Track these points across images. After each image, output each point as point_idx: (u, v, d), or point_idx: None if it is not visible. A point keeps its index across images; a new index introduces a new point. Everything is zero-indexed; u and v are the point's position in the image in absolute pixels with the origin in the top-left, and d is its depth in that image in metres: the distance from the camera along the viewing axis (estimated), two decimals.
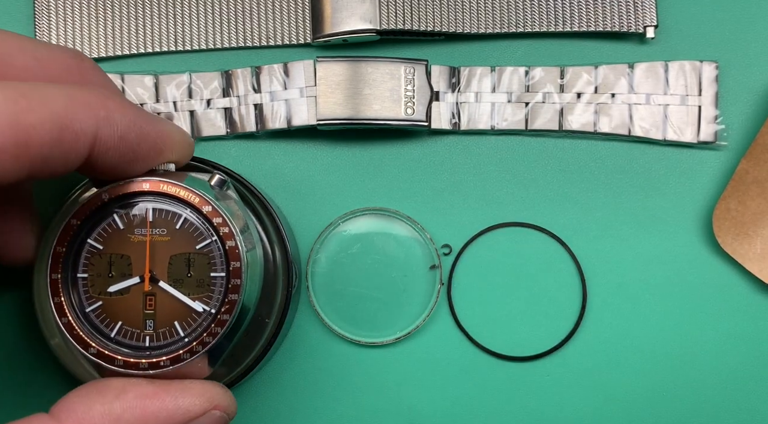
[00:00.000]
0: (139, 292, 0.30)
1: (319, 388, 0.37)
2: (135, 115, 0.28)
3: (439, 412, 0.37)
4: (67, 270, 0.30)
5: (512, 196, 0.38)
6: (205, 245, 0.30)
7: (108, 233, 0.30)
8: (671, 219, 0.38)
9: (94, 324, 0.30)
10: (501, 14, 0.38)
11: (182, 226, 0.30)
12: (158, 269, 0.30)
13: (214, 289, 0.30)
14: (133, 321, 0.30)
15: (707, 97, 0.38)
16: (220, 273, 0.30)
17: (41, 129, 0.25)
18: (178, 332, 0.30)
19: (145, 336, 0.30)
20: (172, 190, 0.30)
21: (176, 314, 0.30)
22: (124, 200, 0.30)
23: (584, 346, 0.37)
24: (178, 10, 0.38)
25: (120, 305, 0.30)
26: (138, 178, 0.30)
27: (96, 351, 0.29)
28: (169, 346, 0.30)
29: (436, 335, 0.37)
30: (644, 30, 0.38)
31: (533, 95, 0.38)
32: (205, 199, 0.30)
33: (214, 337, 0.30)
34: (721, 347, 0.37)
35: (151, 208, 0.30)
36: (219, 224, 0.30)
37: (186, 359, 0.29)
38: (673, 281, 0.38)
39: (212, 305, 0.30)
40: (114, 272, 0.30)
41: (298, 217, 0.38)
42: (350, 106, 0.37)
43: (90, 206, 0.30)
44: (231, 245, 0.30)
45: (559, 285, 0.38)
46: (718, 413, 0.37)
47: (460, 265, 0.38)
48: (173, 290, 0.30)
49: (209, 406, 0.29)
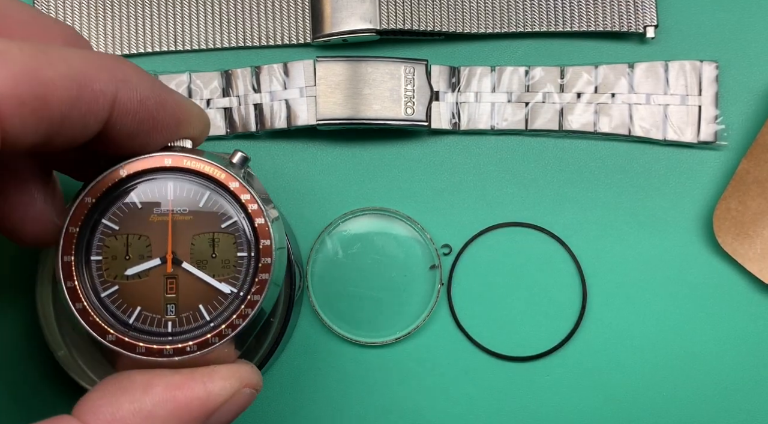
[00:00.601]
0: (159, 275, 0.28)
1: (319, 388, 0.37)
2: (153, 81, 0.27)
3: (439, 412, 0.37)
4: (81, 252, 0.28)
5: (512, 196, 0.38)
6: (230, 223, 0.29)
7: (124, 212, 0.28)
8: (671, 219, 0.38)
9: (111, 310, 0.28)
10: (501, 14, 0.38)
11: (206, 204, 0.29)
12: (180, 250, 0.28)
13: (241, 270, 0.28)
14: (153, 306, 0.28)
15: (707, 97, 0.38)
16: (248, 253, 0.28)
17: (60, 85, 0.24)
18: (204, 315, 0.28)
19: (167, 322, 0.28)
20: (197, 166, 0.28)
21: (200, 297, 0.28)
22: (142, 177, 0.28)
23: (584, 346, 0.37)
24: (178, 10, 0.38)
25: (138, 290, 0.28)
26: (158, 153, 0.28)
27: (115, 338, 0.27)
28: (194, 331, 0.28)
29: (436, 335, 0.37)
30: (644, 30, 0.38)
31: (533, 95, 0.38)
32: (232, 175, 0.28)
33: (244, 319, 0.28)
34: (721, 347, 0.37)
35: (172, 185, 0.28)
36: (247, 201, 0.28)
37: (215, 343, 0.28)
38: (673, 281, 0.38)
39: (239, 287, 0.28)
40: (131, 254, 0.28)
41: (298, 217, 0.38)
42: (350, 106, 0.37)
43: (106, 183, 0.28)
44: (260, 222, 0.28)
45: (559, 285, 0.38)
46: (718, 413, 0.37)
47: (460, 265, 0.38)
48: (198, 271, 0.28)
49: (240, 386, 0.27)
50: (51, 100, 0.23)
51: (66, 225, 0.28)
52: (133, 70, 0.26)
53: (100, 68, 0.25)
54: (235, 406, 0.27)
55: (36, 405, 0.37)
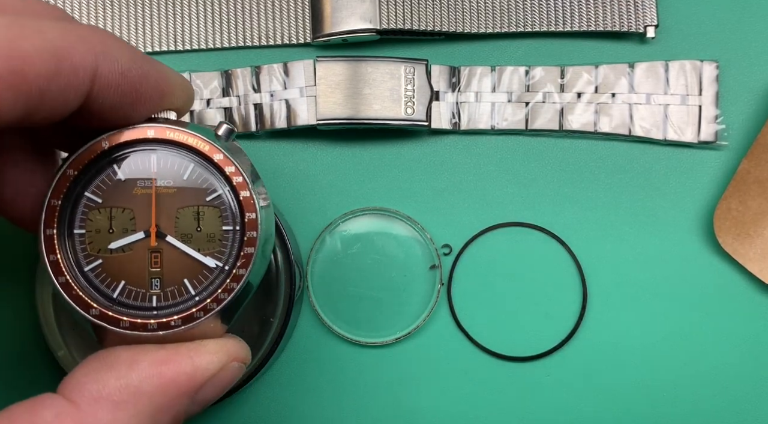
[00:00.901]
0: (144, 249, 0.28)
1: (319, 388, 0.37)
2: (134, 53, 0.26)
3: (439, 412, 0.37)
4: (63, 226, 0.27)
5: (512, 196, 0.38)
6: (215, 197, 0.28)
7: (108, 185, 0.28)
8: (671, 219, 0.38)
9: (94, 284, 0.28)
10: (501, 14, 0.38)
11: (190, 176, 0.28)
12: (164, 223, 0.28)
13: (227, 244, 0.28)
14: (138, 280, 0.28)
15: (707, 97, 0.38)
16: (234, 226, 0.28)
17: (37, 58, 0.23)
18: (189, 290, 0.28)
19: (152, 296, 0.28)
20: (180, 138, 0.28)
21: (185, 271, 0.28)
22: (125, 149, 0.28)
23: (584, 346, 0.37)
24: (178, 10, 0.38)
25: (122, 263, 0.28)
26: (140, 125, 0.27)
27: (98, 312, 0.27)
28: (179, 305, 0.28)
29: (436, 335, 0.37)
30: (644, 30, 0.38)
31: (533, 95, 0.38)
32: (216, 147, 0.28)
33: (229, 293, 0.27)
34: (721, 347, 0.37)
35: (156, 157, 0.28)
36: (231, 173, 0.28)
37: (200, 317, 0.27)
38: (673, 281, 0.38)
39: (224, 261, 0.28)
40: (115, 227, 0.28)
41: (298, 217, 0.38)
42: (350, 105, 0.37)
43: (88, 155, 0.27)
44: (245, 195, 0.28)
45: (559, 285, 0.38)
46: (718, 413, 0.37)
47: (460, 265, 0.38)
48: (183, 245, 0.28)
49: (227, 360, 0.27)
50: (28, 73, 0.23)
51: (48, 198, 0.27)
52: (113, 40, 0.25)
53: (78, 40, 0.24)
54: (223, 380, 0.27)
55: None
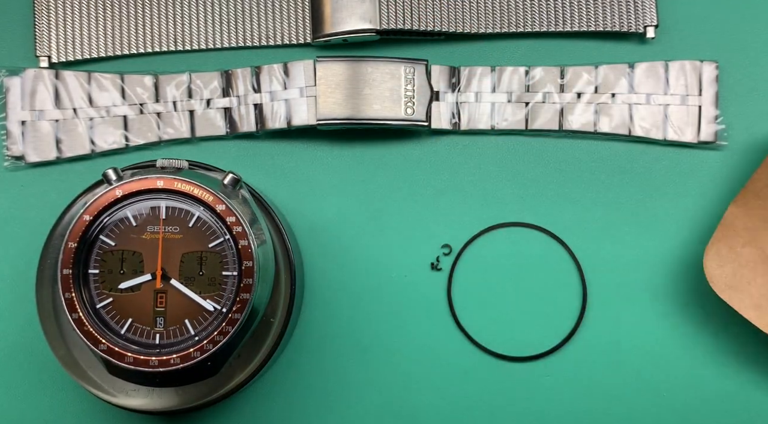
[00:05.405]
0: (151, 289, 0.31)
1: (319, 388, 0.37)
2: None
3: (439, 412, 0.37)
4: (79, 266, 0.30)
5: (512, 196, 0.38)
6: (217, 243, 0.31)
7: (120, 229, 0.31)
8: (671, 219, 0.38)
9: (105, 321, 0.30)
10: (501, 14, 0.38)
11: (195, 224, 0.31)
12: (170, 266, 0.31)
13: (226, 288, 0.31)
14: (144, 318, 0.30)
15: (707, 97, 0.38)
16: (232, 272, 0.31)
17: None
18: (189, 330, 0.30)
19: (156, 334, 0.30)
20: (186, 188, 0.30)
21: (187, 312, 0.30)
22: (137, 197, 0.30)
23: (584, 346, 0.37)
24: (178, 10, 0.38)
25: (131, 302, 0.30)
26: (152, 176, 0.30)
27: (106, 347, 0.30)
28: (180, 344, 0.30)
29: (436, 335, 0.37)
30: (644, 30, 0.38)
31: (533, 95, 0.38)
32: (219, 198, 0.30)
33: (224, 336, 0.30)
34: (721, 347, 0.37)
35: (164, 205, 0.31)
36: (232, 223, 0.30)
37: (196, 357, 0.30)
38: (672, 281, 0.38)
39: (223, 304, 0.30)
40: (125, 268, 0.31)
41: (298, 217, 0.38)
42: (350, 106, 0.37)
43: (103, 202, 0.30)
44: (244, 244, 0.30)
45: (559, 285, 0.38)
46: (718, 414, 0.37)
47: (460, 265, 0.38)
48: (184, 288, 0.30)
49: None
50: None
51: (66, 240, 0.30)
52: None
53: None
54: None
55: (36, 405, 0.37)
